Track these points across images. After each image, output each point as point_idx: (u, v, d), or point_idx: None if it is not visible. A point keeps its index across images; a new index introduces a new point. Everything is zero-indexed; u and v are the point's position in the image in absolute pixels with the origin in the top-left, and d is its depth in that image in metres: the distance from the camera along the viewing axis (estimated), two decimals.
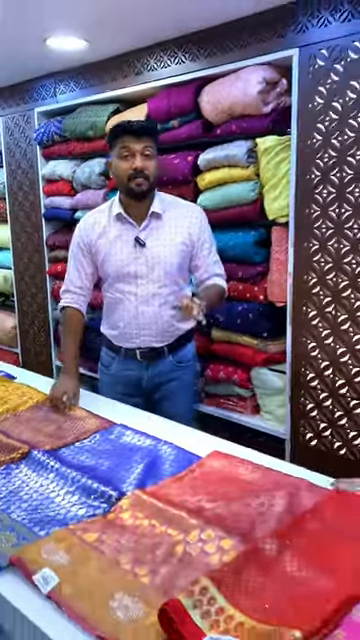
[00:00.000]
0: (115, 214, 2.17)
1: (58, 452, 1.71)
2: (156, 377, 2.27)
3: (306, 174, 2.27)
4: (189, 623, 0.95)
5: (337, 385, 2.32)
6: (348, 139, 2.13)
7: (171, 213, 2.18)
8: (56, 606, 1.06)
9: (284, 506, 1.35)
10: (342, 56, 2.09)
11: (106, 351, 2.37)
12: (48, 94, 3.54)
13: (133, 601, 1.06)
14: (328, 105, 2.16)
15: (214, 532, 1.23)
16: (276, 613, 0.97)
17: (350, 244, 2.18)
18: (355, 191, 2.14)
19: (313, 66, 2.18)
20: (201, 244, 2.20)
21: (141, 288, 2.16)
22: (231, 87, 2.41)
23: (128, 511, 1.36)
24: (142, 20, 2.43)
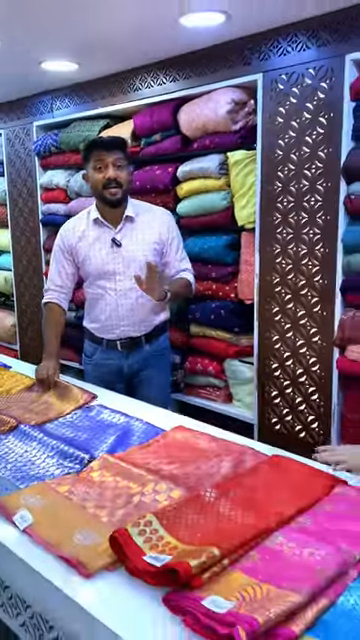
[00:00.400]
0: (93, 219, 2.38)
1: (43, 426, 1.92)
2: (135, 364, 2.47)
3: (269, 185, 2.50)
4: (132, 545, 1.17)
5: (297, 374, 2.54)
6: (304, 154, 2.36)
7: (143, 217, 2.39)
8: (31, 539, 1.27)
9: (229, 468, 1.56)
10: (298, 81, 2.33)
11: (89, 343, 2.56)
12: (45, 109, 3.78)
13: (92, 533, 1.28)
14: (287, 124, 2.40)
15: (166, 485, 1.45)
16: (204, 539, 1.19)
17: (307, 248, 2.41)
18: (311, 200, 2.37)
19: (275, 89, 2.42)
20: (170, 243, 2.41)
21: (119, 284, 2.36)
22: (204, 107, 2.65)
23: (97, 471, 1.58)
24: (128, 46, 2.67)
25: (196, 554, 1.10)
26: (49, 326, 2.45)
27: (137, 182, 3.08)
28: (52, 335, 2.42)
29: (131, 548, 1.16)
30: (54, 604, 1.14)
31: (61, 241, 2.47)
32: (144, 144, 3.10)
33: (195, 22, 2.27)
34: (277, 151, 2.45)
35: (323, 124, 2.28)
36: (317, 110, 2.29)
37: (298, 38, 2.31)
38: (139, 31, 2.42)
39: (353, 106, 2.21)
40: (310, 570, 1.07)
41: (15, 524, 1.33)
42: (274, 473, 1.51)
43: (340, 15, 2.19)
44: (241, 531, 1.21)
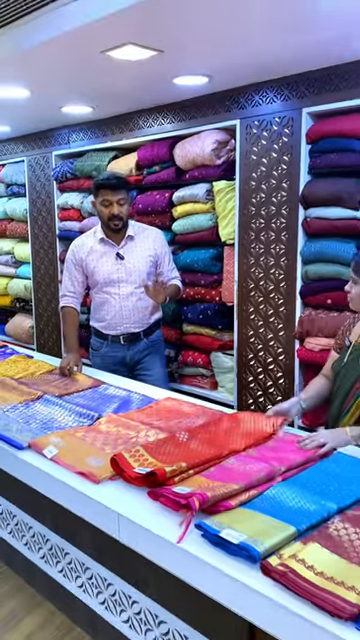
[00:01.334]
0: (99, 238, 2.79)
1: (62, 397, 2.38)
2: (136, 354, 2.87)
3: (245, 209, 2.99)
4: (126, 463, 1.63)
5: (267, 362, 3.02)
6: (272, 185, 2.85)
7: (141, 235, 2.81)
8: (56, 465, 1.74)
9: (200, 422, 2.01)
10: (267, 127, 2.83)
11: (95, 339, 2.94)
12: (63, 141, 4.28)
13: (99, 459, 1.75)
14: (259, 160, 2.89)
15: (154, 432, 1.92)
16: (176, 459, 1.65)
17: (274, 260, 2.90)
18: (277, 222, 2.86)
19: (249, 133, 2.91)
20: (162, 256, 2.84)
21: (122, 289, 2.77)
22: (194, 145, 3.14)
23: (104, 424, 2.04)
24: (133, 95, 3.17)
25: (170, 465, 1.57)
26: (68, 326, 2.85)
27: (140, 205, 3.56)
28: (71, 334, 2.82)
29: (125, 464, 1.63)
30: (78, 503, 1.61)
31: (72, 255, 2.84)
32: (146, 173, 3.57)
33: (184, 82, 2.77)
34: (251, 182, 2.94)
35: (286, 161, 2.78)
36: (281, 150, 2.79)
37: (267, 94, 2.81)
38: (142, 85, 2.91)
39: (308, 148, 2.69)
40: (248, 475, 1.53)
41: (45, 455, 1.80)
42: (233, 422, 1.96)
43: (299, 78, 2.68)
44: (204, 456, 1.68)
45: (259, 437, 1.82)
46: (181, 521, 1.38)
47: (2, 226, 5.07)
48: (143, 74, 2.62)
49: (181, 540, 1.32)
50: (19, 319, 5.16)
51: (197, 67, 2.57)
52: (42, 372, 2.76)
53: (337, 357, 2.02)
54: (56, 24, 1.96)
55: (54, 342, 4.72)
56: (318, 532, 1.28)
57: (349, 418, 1.87)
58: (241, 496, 1.45)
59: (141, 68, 2.49)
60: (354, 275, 1.86)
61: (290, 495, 1.45)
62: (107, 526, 1.53)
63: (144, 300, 2.75)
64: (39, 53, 2.23)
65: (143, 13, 1.82)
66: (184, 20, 1.93)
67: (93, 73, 2.61)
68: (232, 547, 1.24)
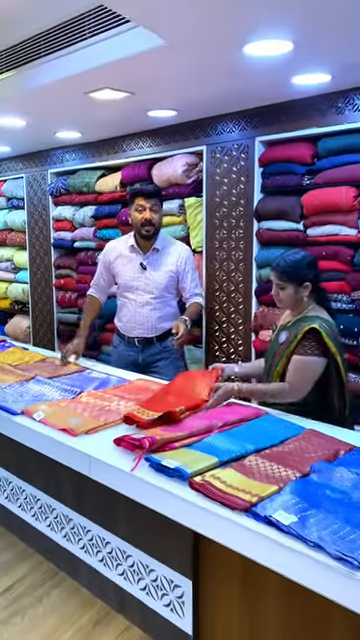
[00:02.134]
0: (130, 245, 2.88)
1: (51, 378, 2.76)
2: (148, 357, 2.95)
3: (211, 222, 3.41)
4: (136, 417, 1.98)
5: (230, 352, 3.43)
6: (232, 201, 3.28)
7: (167, 249, 2.87)
8: (43, 425, 2.13)
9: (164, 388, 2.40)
10: (228, 152, 3.26)
11: (116, 336, 3.07)
12: (58, 160, 4.67)
13: (79, 419, 2.14)
14: (221, 181, 3.32)
15: (124, 401, 2.31)
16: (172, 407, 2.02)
17: (234, 265, 3.32)
18: (236, 232, 3.28)
19: (214, 157, 3.34)
20: (185, 273, 2.88)
21: (139, 297, 2.85)
22: (168, 166, 3.55)
23: (85, 397, 2.43)
24: (115, 123, 3.58)
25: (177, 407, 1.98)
26: (86, 312, 3.02)
27: (123, 217, 3.92)
28: (86, 319, 2.99)
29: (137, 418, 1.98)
30: (59, 452, 1.99)
31: (104, 255, 3.00)
32: (129, 190, 3.89)
33: (157, 114, 3.20)
34: (215, 199, 3.36)
35: (243, 182, 3.20)
36: (239, 173, 3.21)
37: (228, 124, 3.25)
38: (121, 117, 3.33)
39: (261, 171, 3.12)
40: (191, 427, 1.93)
41: (34, 418, 2.19)
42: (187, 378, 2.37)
43: (252, 112, 3.11)
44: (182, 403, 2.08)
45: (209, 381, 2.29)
46: (134, 457, 1.78)
47: (3, 236, 5.41)
48: (121, 109, 3.03)
49: (134, 469, 1.71)
50: (17, 320, 5.47)
51: (165, 104, 3.00)
52: (35, 360, 3.13)
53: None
54: (49, 73, 2.39)
55: (48, 340, 5.08)
56: (235, 463, 1.69)
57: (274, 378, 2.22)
58: (184, 441, 1.85)
59: (118, 105, 2.91)
60: (280, 282, 2.14)
61: (221, 441, 1.85)
62: (81, 467, 1.92)
63: (158, 310, 2.86)
64: (37, 94, 2.66)
65: (116, 67, 2.25)
66: (149, 71, 2.35)
67: (79, 108, 3.03)
68: (169, 471, 1.64)
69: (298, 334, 2.10)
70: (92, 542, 2.20)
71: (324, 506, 1.42)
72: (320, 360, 2.07)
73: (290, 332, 2.17)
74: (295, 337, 2.12)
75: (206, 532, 1.52)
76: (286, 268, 2.14)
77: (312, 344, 2.06)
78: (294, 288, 2.14)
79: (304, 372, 2.08)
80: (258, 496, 1.47)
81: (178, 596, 1.88)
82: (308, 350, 2.06)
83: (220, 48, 1.99)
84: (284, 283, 2.14)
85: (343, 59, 2.17)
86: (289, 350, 2.14)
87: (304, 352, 2.07)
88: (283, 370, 2.16)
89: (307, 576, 1.29)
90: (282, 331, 2.23)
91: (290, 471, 1.62)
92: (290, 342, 2.14)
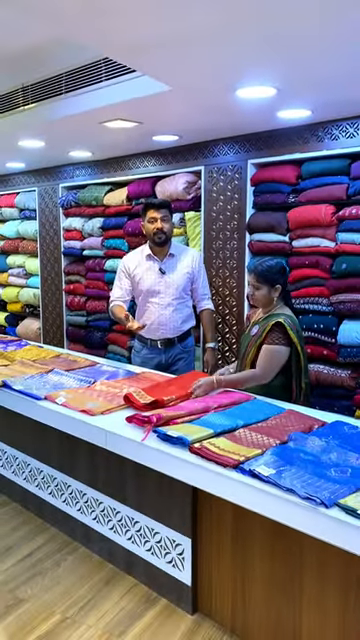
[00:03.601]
0: (146, 254, 3.07)
1: (68, 371, 3.08)
2: (170, 358, 3.15)
3: (208, 234, 3.72)
4: (134, 398, 2.32)
5: (225, 350, 3.75)
6: (227, 216, 3.61)
7: (181, 255, 3.10)
8: (65, 408, 2.43)
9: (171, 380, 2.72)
10: (224, 172, 3.59)
11: (138, 342, 3.22)
12: (69, 175, 4.96)
13: (96, 403, 2.46)
14: (218, 197, 3.65)
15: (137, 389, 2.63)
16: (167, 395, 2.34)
17: (229, 272, 3.65)
18: (231, 243, 3.61)
19: (211, 176, 3.68)
20: (198, 274, 3.12)
21: (161, 300, 3.04)
22: (170, 183, 3.86)
23: (98, 386, 2.74)
24: (123, 146, 3.91)
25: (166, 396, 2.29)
26: (116, 313, 3.08)
27: (130, 228, 4.22)
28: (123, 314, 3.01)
29: (134, 399, 2.32)
30: (80, 429, 2.29)
31: (123, 266, 3.13)
32: (134, 204, 4.25)
33: (161, 138, 3.52)
34: (212, 214, 3.69)
35: (236, 199, 3.53)
36: (233, 190, 3.55)
37: (223, 148, 3.59)
38: (129, 141, 3.66)
39: (252, 189, 3.44)
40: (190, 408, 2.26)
41: (56, 402, 2.50)
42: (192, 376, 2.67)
43: (245, 137, 3.43)
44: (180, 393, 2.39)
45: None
46: (144, 430, 2.11)
47: (15, 244, 5.67)
48: (129, 134, 3.36)
49: (144, 439, 2.03)
50: (28, 322, 5.73)
51: (168, 131, 3.33)
52: (51, 356, 3.44)
53: None
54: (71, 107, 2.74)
55: (58, 340, 5.35)
56: (228, 434, 2.02)
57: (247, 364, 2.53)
58: (184, 418, 2.18)
59: (127, 131, 3.24)
60: (256, 282, 2.44)
61: (216, 418, 2.17)
62: (99, 440, 2.22)
63: (179, 311, 3.06)
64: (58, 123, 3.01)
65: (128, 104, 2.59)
66: (156, 107, 2.69)
67: (93, 134, 3.37)
68: (173, 439, 1.97)
69: (267, 327, 2.42)
70: (104, 513, 2.48)
71: (297, 464, 1.76)
72: (285, 349, 2.38)
73: (260, 326, 2.49)
74: (264, 330, 2.43)
75: (203, 486, 1.84)
76: (262, 272, 2.45)
77: (279, 335, 2.38)
78: (267, 289, 2.46)
79: (271, 359, 2.40)
80: (245, 456, 1.80)
81: (179, 553, 2.17)
82: (276, 340, 2.38)
83: (216, 92, 2.34)
84: (259, 284, 2.45)
85: (320, 98, 2.52)
86: (259, 341, 2.45)
87: (272, 342, 2.39)
88: (254, 357, 2.47)
89: (282, 514, 1.61)
90: (254, 326, 2.56)
91: (272, 439, 1.95)
92: (260, 335, 2.46)
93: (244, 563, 1.98)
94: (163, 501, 2.19)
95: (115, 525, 2.44)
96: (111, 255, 4.54)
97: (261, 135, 3.34)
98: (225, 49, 1.82)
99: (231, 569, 2.04)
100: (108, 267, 4.57)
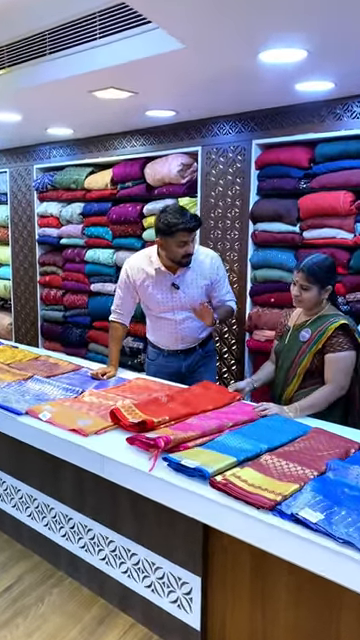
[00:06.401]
0: (156, 267, 2.63)
1: (49, 378, 2.74)
2: (190, 364, 2.82)
3: (205, 222, 3.43)
4: (122, 415, 2.03)
5: (223, 351, 3.47)
6: (227, 203, 3.32)
7: (195, 263, 2.62)
8: (51, 425, 2.12)
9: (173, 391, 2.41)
10: (223, 154, 3.29)
11: (152, 349, 2.89)
12: (45, 156, 4.61)
13: (87, 420, 2.14)
14: (217, 182, 3.35)
15: (129, 400, 2.32)
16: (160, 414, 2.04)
17: (229, 265, 3.36)
18: (232, 234, 3.32)
19: (209, 157, 3.37)
20: (217, 283, 2.71)
21: (178, 316, 2.70)
22: (163, 166, 3.56)
23: (87, 397, 2.43)
24: (111, 122, 3.57)
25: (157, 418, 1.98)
26: (112, 341, 2.83)
27: (114, 215, 3.93)
28: (113, 348, 2.82)
29: (121, 416, 2.03)
30: (69, 452, 1.99)
31: (127, 276, 2.72)
32: (120, 188, 3.96)
33: (155, 114, 3.20)
34: (210, 200, 3.40)
35: (239, 183, 3.25)
36: (235, 174, 3.25)
37: (224, 126, 3.28)
38: (119, 116, 3.33)
39: (257, 173, 3.16)
40: (203, 427, 1.96)
41: (40, 419, 2.18)
42: (202, 390, 2.36)
43: (250, 115, 3.15)
44: (180, 412, 2.09)
45: (221, 403, 2.23)
46: (149, 456, 1.79)
47: None
48: (120, 107, 3.02)
49: (152, 469, 1.74)
50: None
51: (165, 104, 3.01)
52: (28, 359, 3.10)
53: (278, 343, 2.47)
54: (55, 71, 2.37)
55: (32, 337, 5.02)
56: (252, 462, 1.73)
57: (293, 385, 2.29)
58: (196, 440, 1.88)
59: (119, 103, 2.90)
60: (305, 282, 2.18)
61: (234, 440, 1.88)
62: (94, 466, 1.92)
63: (198, 321, 2.69)
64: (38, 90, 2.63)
65: (126, 68, 2.24)
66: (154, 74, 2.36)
67: (79, 106, 3.01)
68: (189, 470, 1.67)
69: (326, 331, 2.19)
70: (94, 541, 2.21)
71: (345, 504, 1.48)
72: (353, 353, 2.20)
73: (313, 329, 2.24)
74: (322, 334, 2.20)
75: (231, 531, 1.55)
76: (313, 270, 2.20)
77: (345, 340, 2.18)
78: (318, 290, 2.22)
79: (345, 368, 2.20)
80: (281, 494, 1.52)
81: (185, 592, 1.91)
82: (345, 346, 2.18)
83: (236, 54, 2.01)
84: (309, 284, 2.20)
85: (349, 66, 2.23)
86: (316, 347, 2.21)
87: (340, 349, 2.18)
88: (310, 366, 2.24)
89: (338, 572, 1.33)
90: (301, 330, 2.29)
91: (307, 469, 1.67)
92: (316, 339, 2.22)
93: (265, 609, 1.71)
94: (166, 531, 1.91)
95: (108, 556, 2.17)
96: (92, 244, 4.28)
97: (269, 112, 3.06)
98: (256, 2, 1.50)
99: (249, 615, 1.77)
100: (89, 258, 4.30)
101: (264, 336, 3.18)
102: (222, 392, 2.36)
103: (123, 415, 2.04)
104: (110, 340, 2.86)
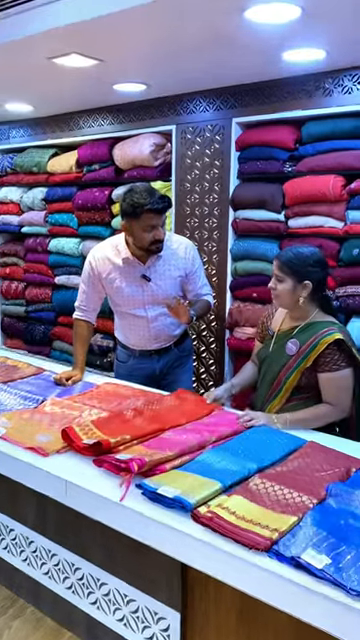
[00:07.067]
0: (123, 257, 2.41)
1: (7, 383, 2.47)
2: (165, 365, 2.62)
3: (181, 209, 3.21)
4: (75, 434, 1.79)
5: (201, 350, 3.25)
6: (205, 187, 3.08)
7: (168, 252, 2.42)
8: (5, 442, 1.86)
9: (143, 402, 2.18)
10: (201, 133, 3.06)
11: (122, 350, 2.67)
12: (3, 137, 4.31)
13: (48, 435, 1.89)
14: (193, 164, 3.11)
15: (97, 410, 2.08)
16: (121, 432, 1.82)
17: (207, 256, 3.14)
18: (210, 222, 3.09)
19: (184, 137, 3.13)
20: (192, 274, 2.51)
21: (150, 312, 2.48)
22: (133, 146, 3.32)
23: (49, 407, 2.18)
24: (75, 97, 3.30)
25: (114, 437, 1.75)
26: (77, 341, 2.61)
27: (79, 201, 3.69)
28: (78, 349, 2.60)
29: (75, 436, 1.79)
30: (27, 475, 1.76)
31: (91, 268, 2.50)
32: (85, 171, 3.71)
33: (124, 88, 2.94)
34: (186, 184, 3.16)
35: (217, 166, 3.02)
36: (213, 156, 3.02)
37: (201, 103, 3.04)
38: (83, 90, 3.06)
39: (237, 155, 2.95)
40: (181, 443, 1.73)
41: None
42: (175, 401, 2.15)
43: (229, 90, 2.92)
44: (146, 430, 1.86)
45: (196, 416, 2.00)
46: (121, 482, 1.56)
47: None
48: (85, 79, 2.75)
49: (123, 498, 1.50)
50: None
51: (135, 76, 2.75)
52: None
53: (261, 346, 2.24)
54: (6, 31, 2.08)
55: None
56: (240, 487, 1.50)
57: (277, 402, 2.07)
58: (175, 461, 1.65)
59: (83, 74, 2.64)
60: (279, 273, 2.00)
61: (217, 459, 1.66)
62: (55, 492, 1.68)
63: (172, 317, 2.47)
64: None
65: (89, 27, 1.98)
66: (122, 36, 2.11)
67: (38, 77, 2.74)
68: (168, 500, 1.44)
69: (317, 345, 1.95)
70: (58, 567, 1.99)
71: (353, 540, 1.27)
72: (351, 370, 1.99)
73: (302, 342, 2.01)
74: (312, 348, 1.96)
75: (219, 575, 1.33)
76: (290, 259, 1.99)
77: (341, 356, 1.96)
78: (292, 283, 1.99)
79: (347, 389, 2.00)
80: (278, 531, 1.30)
81: (163, 629, 1.70)
82: (341, 363, 1.96)
83: (217, 10, 1.76)
84: (283, 275, 2.00)
85: (344, 32, 2.01)
86: (305, 363, 1.98)
87: (337, 367, 1.96)
88: (297, 384, 2.03)
89: (346, 628, 1.13)
90: (287, 340, 2.06)
91: (305, 496, 1.45)
92: (305, 354, 1.98)
93: None
94: (141, 561, 1.69)
95: (74, 584, 1.95)
96: (56, 233, 4.05)
97: (251, 87, 2.84)
98: None
99: None
100: (53, 247, 4.07)
101: (245, 334, 2.97)
102: (199, 404, 2.13)
103: (77, 434, 1.79)
104: (75, 340, 2.64)
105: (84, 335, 2.61)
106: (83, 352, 2.60)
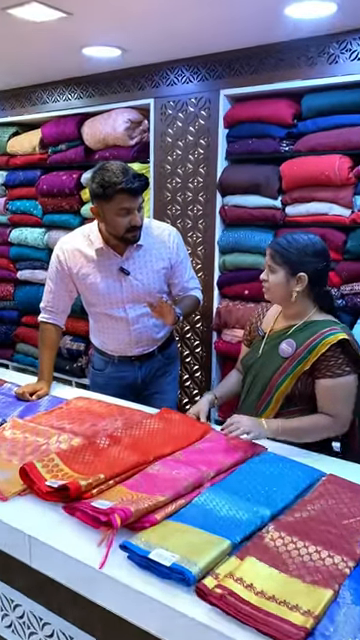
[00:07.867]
0: (97, 247, 2.17)
1: None
2: (148, 374, 2.39)
3: (160, 194, 2.93)
4: (37, 474, 1.47)
5: (184, 355, 2.96)
6: (189, 169, 2.80)
7: (149, 240, 2.21)
8: None
9: (121, 423, 1.88)
10: (183, 108, 2.78)
11: (98, 356, 2.43)
12: None
13: (6, 472, 1.56)
14: (174, 143, 2.83)
15: (67, 436, 1.76)
16: (94, 470, 1.51)
17: (191, 249, 2.87)
18: (194, 209, 2.82)
19: (164, 113, 2.84)
20: (177, 265, 2.28)
21: (130, 312, 2.23)
22: (105, 123, 3.05)
23: (9, 430, 1.85)
24: (38, 64, 2.98)
25: (85, 477, 1.43)
26: (43, 347, 2.35)
27: (44, 186, 3.45)
28: (45, 357, 2.34)
29: (36, 476, 1.47)
30: None
31: (59, 263, 2.25)
32: (51, 152, 3.45)
33: (95, 52, 2.63)
34: (166, 166, 2.87)
35: (203, 145, 2.76)
36: (198, 133, 2.76)
37: (183, 72, 2.75)
38: (48, 54, 2.76)
39: (226, 133, 2.70)
40: (174, 482, 1.43)
41: None
42: (160, 423, 1.85)
43: (217, 57, 2.67)
44: (125, 464, 1.55)
45: (187, 442, 1.72)
46: (100, 540, 1.25)
47: None
48: (50, 40, 2.47)
49: (103, 565, 1.19)
50: None
51: (109, 36, 2.48)
52: None
53: (248, 351, 2.01)
54: None
55: None
56: (253, 544, 1.21)
57: (270, 411, 1.86)
58: (167, 508, 1.34)
59: (48, 33, 2.34)
60: (272, 262, 1.80)
61: (220, 502, 1.37)
62: (17, 550, 1.37)
63: (155, 318, 2.24)
64: None
65: None
66: None
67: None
68: (163, 569, 1.13)
69: (317, 346, 1.74)
70: (22, 621, 1.67)
71: None
72: (355, 377, 1.79)
73: (299, 342, 1.78)
74: (312, 350, 1.75)
75: None
76: (284, 247, 1.78)
77: (345, 359, 1.75)
78: (285, 275, 1.78)
79: (346, 398, 1.80)
80: (312, 615, 1.00)
81: None
82: (345, 368, 1.76)
83: None
84: (276, 265, 1.79)
85: None
86: (302, 367, 1.76)
87: (340, 372, 1.76)
88: (291, 392, 1.81)
89: None
90: (281, 340, 1.82)
91: (337, 556, 1.17)
92: (303, 356, 1.77)
93: None
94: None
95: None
96: (18, 222, 3.86)
97: (242, 54, 2.61)
98: None
99: None
100: (14, 239, 3.88)
101: (235, 336, 2.74)
102: (189, 425, 1.84)
103: (39, 473, 1.47)
104: (41, 346, 2.35)
105: (51, 341, 2.34)
106: (50, 361, 2.32)
